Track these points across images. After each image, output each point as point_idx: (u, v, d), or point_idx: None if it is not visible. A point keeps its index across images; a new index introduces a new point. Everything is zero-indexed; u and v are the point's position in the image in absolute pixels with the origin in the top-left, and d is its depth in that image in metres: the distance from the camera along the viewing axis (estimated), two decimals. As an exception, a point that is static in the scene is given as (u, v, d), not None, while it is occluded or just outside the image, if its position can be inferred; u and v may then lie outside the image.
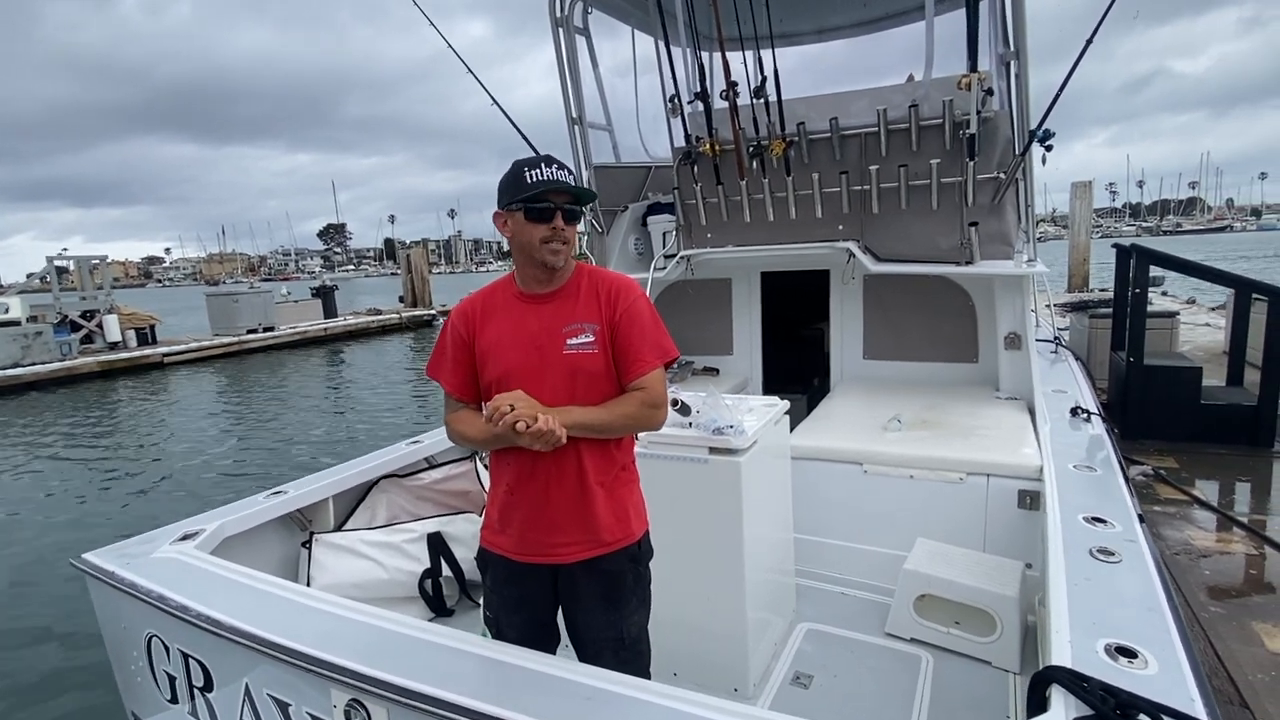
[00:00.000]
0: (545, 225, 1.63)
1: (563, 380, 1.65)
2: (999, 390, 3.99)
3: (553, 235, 1.63)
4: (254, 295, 20.87)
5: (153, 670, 2.16)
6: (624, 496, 1.76)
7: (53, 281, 17.72)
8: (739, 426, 2.29)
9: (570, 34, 4.37)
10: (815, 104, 3.90)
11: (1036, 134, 3.33)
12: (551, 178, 1.61)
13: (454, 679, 1.51)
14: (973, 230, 3.59)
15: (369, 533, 3.10)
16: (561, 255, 1.66)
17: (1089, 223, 18.98)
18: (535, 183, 1.61)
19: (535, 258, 1.66)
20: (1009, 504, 2.90)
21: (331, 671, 1.58)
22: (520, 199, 1.63)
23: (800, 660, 2.66)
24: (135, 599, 2.08)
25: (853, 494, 3.19)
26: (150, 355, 17.19)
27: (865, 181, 3.82)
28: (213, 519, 2.65)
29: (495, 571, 1.79)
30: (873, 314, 4.53)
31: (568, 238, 1.65)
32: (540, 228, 1.63)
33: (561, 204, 1.64)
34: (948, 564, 2.73)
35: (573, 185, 1.64)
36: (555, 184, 1.62)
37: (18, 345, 15.27)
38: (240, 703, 1.88)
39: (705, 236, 4.37)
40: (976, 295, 4.16)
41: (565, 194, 1.64)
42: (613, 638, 1.75)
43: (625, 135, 5.14)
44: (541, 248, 1.64)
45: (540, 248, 1.64)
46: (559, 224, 1.63)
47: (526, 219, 1.64)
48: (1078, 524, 2.17)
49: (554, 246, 1.64)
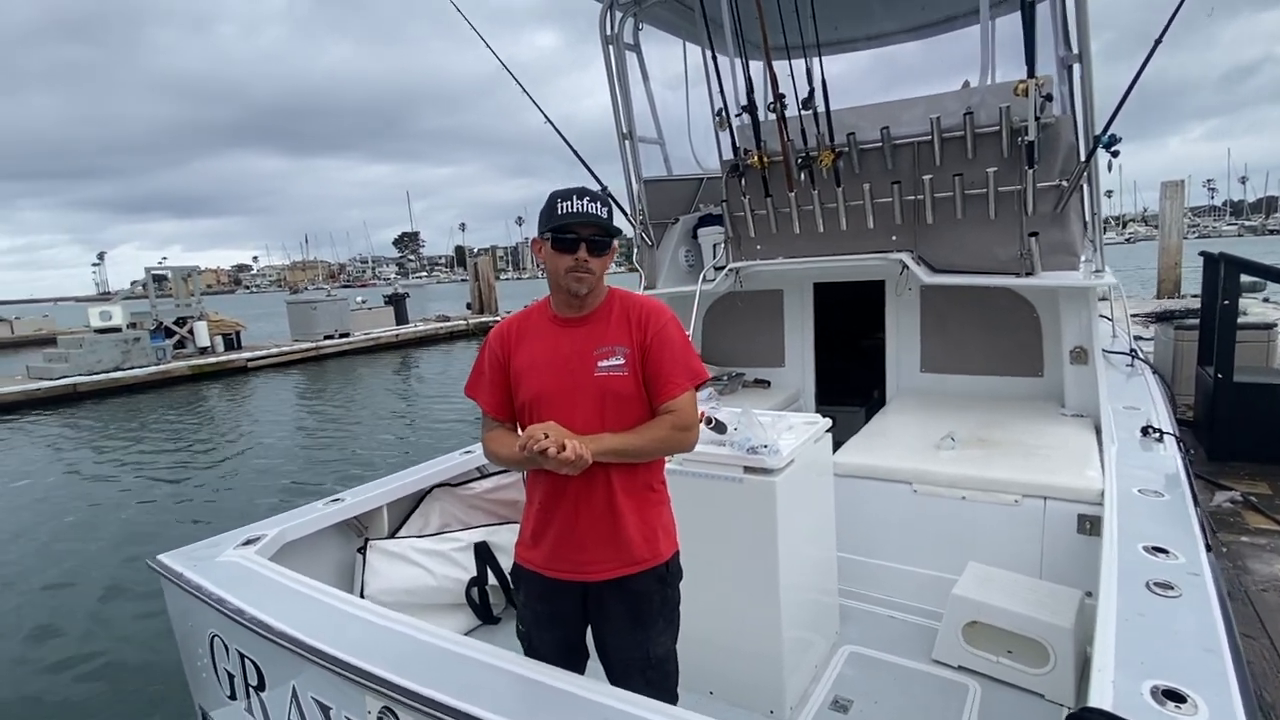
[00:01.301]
0: (570, 256, 1.68)
1: (593, 401, 1.70)
2: (1064, 406, 3.82)
3: (576, 265, 1.68)
4: (331, 303, 21.87)
5: (215, 667, 2.30)
6: (653, 517, 1.79)
7: (150, 290, 19.01)
8: (774, 446, 2.27)
9: (620, 50, 4.42)
10: (865, 113, 3.83)
11: (1101, 139, 3.18)
12: (579, 210, 1.67)
13: (481, 693, 1.56)
14: (1033, 240, 3.45)
15: (419, 540, 3.21)
16: (585, 283, 1.70)
17: (1181, 224, 17.86)
18: (563, 214, 1.67)
19: (561, 285, 1.72)
20: (1068, 529, 2.77)
21: (366, 679, 1.65)
22: (549, 229, 1.70)
23: (841, 684, 2.60)
24: (200, 600, 2.22)
25: (902, 514, 3.10)
26: (235, 360, 18.24)
27: (918, 191, 3.72)
28: (274, 525, 2.79)
29: (528, 587, 1.84)
30: (931, 326, 4.39)
31: (592, 268, 1.70)
32: (566, 258, 1.69)
33: (587, 235, 1.68)
34: (1000, 590, 2.63)
35: (599, 218, 1.68)
36: (581, 216, 1.67)
37: (119, 350, 16.45)
38: (289, 703, 1.98)
39: (755, 248, 4.34)
40: (1041, 307, 3.99)
41: (591, 226, 1.69)
42: (639, 658, 1.77)
43: (677, 147, 5.17)
44: (566, 276, 1.70)
45: (565, 276, 1.70)
46: (582, 255, 1.68)
47: (554, 248, 1.70)
48: (1136, 554, 2.06)
49: (578, 275, 1.69)
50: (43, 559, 6.48)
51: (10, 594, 5.72)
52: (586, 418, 1.68)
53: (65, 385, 14.97)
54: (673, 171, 5.19)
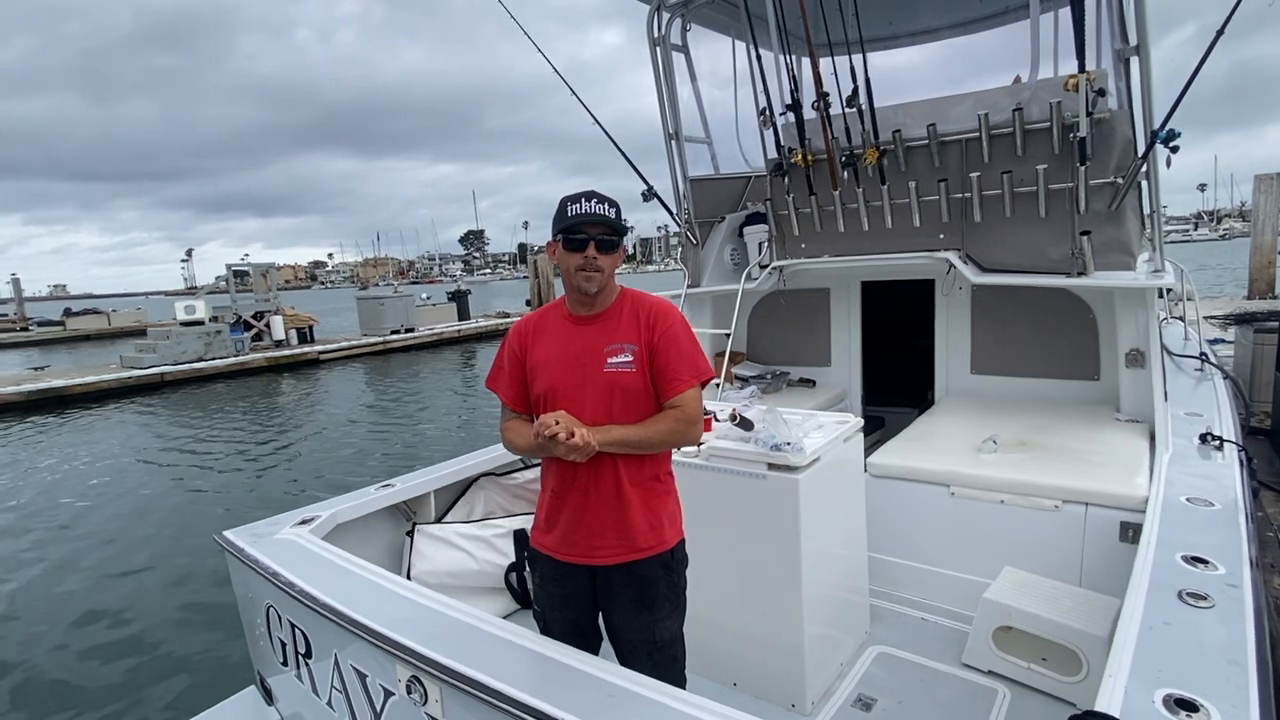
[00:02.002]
0: (579, 254, 1.78)
1: (602, 396, 1.78)
2: (1119, 411, 3.68)
3: (585, 264, 1.78)
4: (397, 299, 22.65)
5: (270, 635, 2.48)
6: (659, 506, 1.86)
7: (230, 285, 20.11)
8: (797, 444, 2.30)
9: (668, 51, 4.47)
10: (912, 110, 3.78)
11: (1159, 134, 3.06)
12: (587, 211, 1.76)
13: (498, 666, 1.66)
14: (1084, 239, 3.34)
15: (464, 526, 3.35)
16: (594, 282, 1.79)
17: (1276, 220, 16.67)
18: (573, 215, 1.77)
19: (573, 284, 1.82)
20: (1109, 536, 2.69)
21: (397, 650, 1.77)
22: (560, 230, 1.79)
23: (867, 683, 2.61)
24: (258, 574, 2.40)
25: (938, 516, 3.07)
26: (308, 353, 19.13)
27: (966, 189, 3.65)
28: (328, 507, 2.97)
29: (542, 569, 1.94)
30: (982, 326, 4.29)
31: (600, 266, 1.79)
32: (575, 256, 1.78)
33: (595, 235, 1.78)
34: (1034, 596, 2.58)
35: (606, 217, 1.77)
36: (590, 217, 1.76)
37: (202, 342, 17.51)
38: (331, 670, 2.13)
39: (799, 247, 4.33)
40: (1099, 308, 3.86)
41: (600, 226, 1.78)
42: (646, 640, 1.85)
43: (725, 146, 5.18)
44: (576, 274, 1.79)
45: (575, 274, 1.79)
46: (591, 253, 1.77)
47: (564, 248, 1.80)
48: (1173, 563, 2.00)
49: (587, 274, 1.78)
50: (140, 524, 7.08)
51: (110, 552, 6.31)
52: (595, 411, 1.77)
53: (154, 374, 16.02)
54: (720, 170, 5.21)
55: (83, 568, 6.10)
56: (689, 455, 2.59)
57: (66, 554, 6.44)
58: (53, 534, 7.01)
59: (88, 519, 7.43)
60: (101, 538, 6.83)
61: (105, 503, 7.99)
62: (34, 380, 15.47)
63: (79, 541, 6.76)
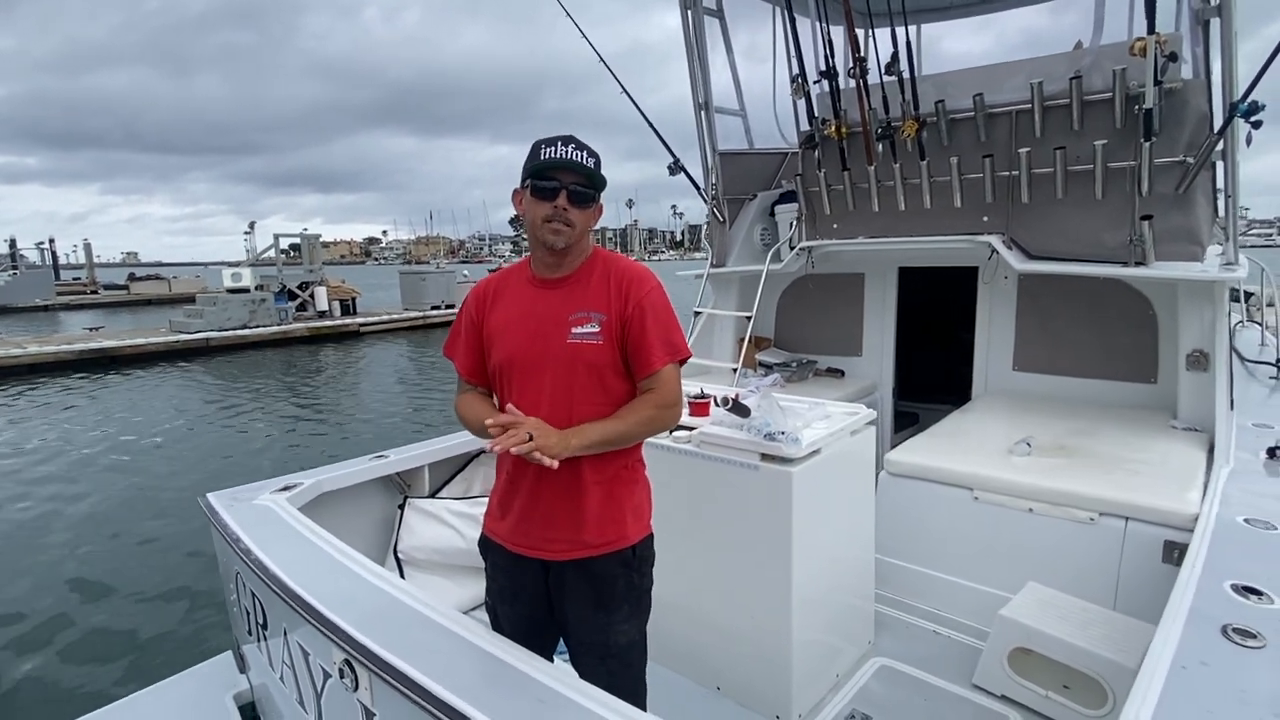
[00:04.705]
0: (549, 203, 1.55)
1: (562, 371, 1.58)
2: (1176, 418, 3.34)
3: (554, 214, 1.55)
4: (439, 275, 22.90)
5: (240, 603, 2.39)
6: (623, 496, 1.65)
7: (276, 255, 20.55)
8: (793, 434, 2.08)
9: (699, 15, 4.21)
10: (958, 79, 3.46)
11: (1240, 106, 2.71)
12: (562, 156, 1.54)
13: (434, 659, 1.50)
14: (1145, 225, 3.00)
15: (454, 503, 3.23)
16: (563, 236, 1.57)
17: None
18: (545, 159, 1.55)
19: (537, 236, 1.60)
20: (1151, 555, 2.40)
21: (331, 632, 1.63)
22: (529, 173, 1.58)
23: (863, 698, 2.38)
24: (225, 540, 2.30)
25: (958, 522, 2.81)
26: (349, 324, 19.48)
27: (1014, 166, 3.33)
28: (313, 475, 2.87)
29: (494, 558, 1.75)
30: (1028, 319, 3.95)
31: (571, 219, 1.56)
32: (544, 205, 1.56)
33: (568, 183, 1.55)
34: (1059, 616, 2.31)
35: (583, 165, 1.55)
36: (564, 162, 1.54)
37: (247, 310, 17.94)
38: (283, 644, 2.02)
39: (830, 227, 4.05)
40: (1159, 302, 3.50)
41: (575, 174, 1.56)
42: (599, 642, 1.65)
43: (761, 121, 4.91)
44: (543, 226, 1.57)
45: (541, 226, 1.57)
46: (561, 203, 1.55)
47: (532, 195, 1.58)
48: (1220, 591, 1.74)
49: (555, 226, 1.56)
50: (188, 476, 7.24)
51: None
52: (555, 389, 1.57)
53: (200, 339, 16.47)
54: (754, 145, 4.95)
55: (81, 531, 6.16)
56: (680, 440, 2.40)
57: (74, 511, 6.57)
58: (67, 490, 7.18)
59: (128, 470, 7.66)
60: (126, 494, 7.00)
61: (136, 458, 8.21)
62: (85, 340, 16.10)
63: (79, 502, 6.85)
